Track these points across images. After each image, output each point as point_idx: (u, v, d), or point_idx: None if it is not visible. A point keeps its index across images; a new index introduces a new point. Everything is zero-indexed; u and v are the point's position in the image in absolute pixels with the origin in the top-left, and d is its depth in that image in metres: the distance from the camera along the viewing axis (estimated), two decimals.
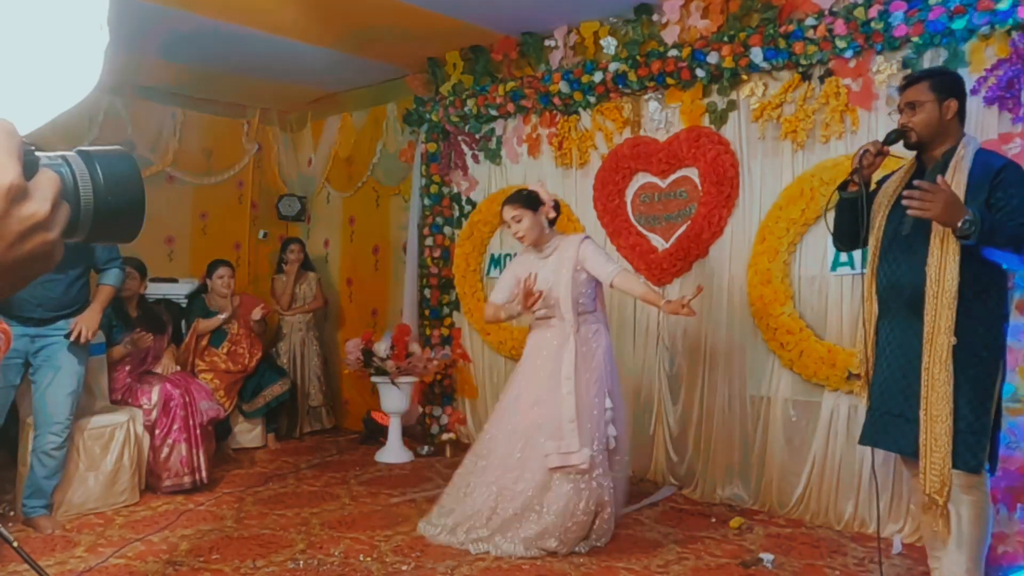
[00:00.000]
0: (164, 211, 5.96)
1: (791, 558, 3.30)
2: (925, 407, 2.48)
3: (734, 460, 4.09)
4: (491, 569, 3.17)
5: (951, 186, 2.45)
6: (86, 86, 0.85)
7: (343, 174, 6.31)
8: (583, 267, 3.40)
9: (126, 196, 0.67)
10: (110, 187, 0.66)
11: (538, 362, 3.43)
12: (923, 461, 2.49)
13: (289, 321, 5.88)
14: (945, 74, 2.74)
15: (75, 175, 0.65)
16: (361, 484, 4.49)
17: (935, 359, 2.45)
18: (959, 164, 2.54)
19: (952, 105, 2.59)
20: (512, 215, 3.45)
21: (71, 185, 0.64)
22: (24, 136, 0.61)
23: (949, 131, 2.61)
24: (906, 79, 2.74)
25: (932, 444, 2.46)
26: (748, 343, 4.04)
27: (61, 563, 3.19)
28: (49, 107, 0.83)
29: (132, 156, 0.69)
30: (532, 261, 3.52)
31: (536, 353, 3.47)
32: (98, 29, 0.85)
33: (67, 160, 0.65)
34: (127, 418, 4.08)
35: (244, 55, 5.19)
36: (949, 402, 2.43)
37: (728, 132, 4.12)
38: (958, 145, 2.59)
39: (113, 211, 0.66)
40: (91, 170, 0.66)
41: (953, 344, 2.42)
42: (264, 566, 3.18)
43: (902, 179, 2.71)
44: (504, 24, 4.77)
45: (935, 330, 2.46)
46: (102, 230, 0.67)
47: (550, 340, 3.42)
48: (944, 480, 2.45)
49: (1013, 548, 3.07)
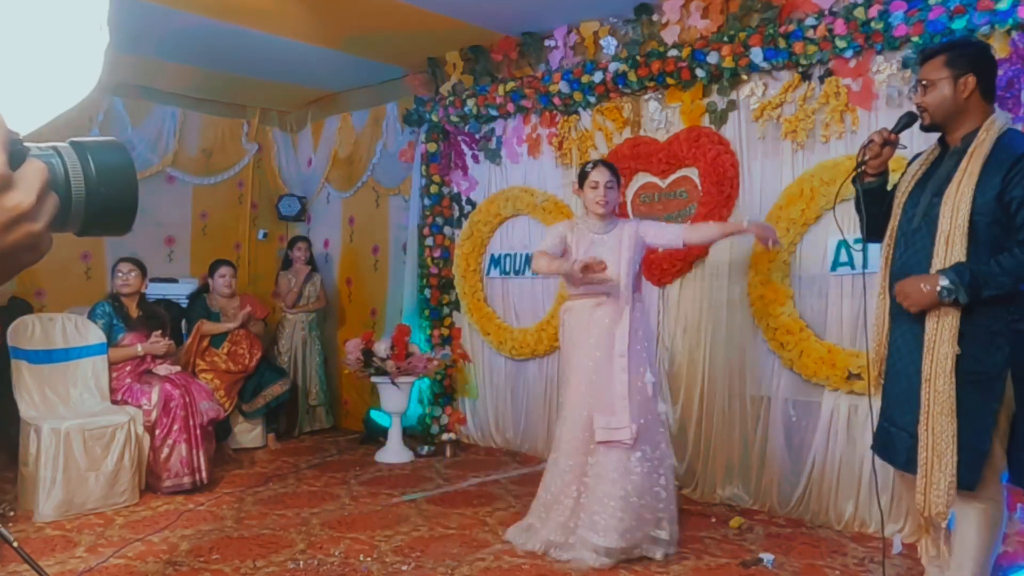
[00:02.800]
0: (164, 211, 5.97)
1: (791, 558, 3.29)
2: (926, 422, 2.30)
3: (734, 460, 4.09)
4: (491, 569, 3.17)
5: (961, 181, 2.29)
6: (86, 86, 0.85)
7: (343, 174, 6.31)
8: (643, 243, 3.39)
9: (119, 188, 0.66)
10: (103, 179, 0.65)
11: (591, 340, 3.34)
12: (922, 480, 2.30)
13: (292, 320, 5.86)
14: (964, 46, 2.47)
15: (66, 166, 0.64)
16: (361, 484, 4.49)
17: (937, 370, 2.28)
18: (976, 152, 2.31)
19: (970, 81, 2.34)
20: (607, 180, 3.38)
21: (61, 176, 0.63)
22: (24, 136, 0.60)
23: (969, 111, 2.37)
24: (921, 54, 2.53)
25: (935, 462, 2.27)
26: (748, 343, 4.04)
27: (61, 563, 3.19)
28: (49, 107, 0.83)
29: (125, 147, 0.68)
30: (587, 236, 3.43)
31: (587, 331, 3.36)
32: (98, 29, 0.85)
33: (58, 151, 0.64)
34: (128, 419, 4.08)
35: (244, 55, 5.19)
36: (953, 418, 2.25)
37: (728, 132, 4.12)
38: (981, 127, 2.35)
39: (106, 203, 0.65)
40: (83, 161, 0.64)
41: (957, 354, 2.26)
42: (264, 566, 3.18)
43: (922, 164, 2.54)
44: (504, 24, 4.77)
45: (937, 339, 2.29)
46: (95, 222, 0.66)
47: (601, 318, 3.33)
48: (949, 501, 2.26)
49: (1013, 548, 3.06)
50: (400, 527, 3.70)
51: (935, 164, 2.51)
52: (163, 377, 4.42)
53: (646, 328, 3.44)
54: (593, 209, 3.41)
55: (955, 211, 2.31)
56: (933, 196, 2.41)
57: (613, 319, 3.32)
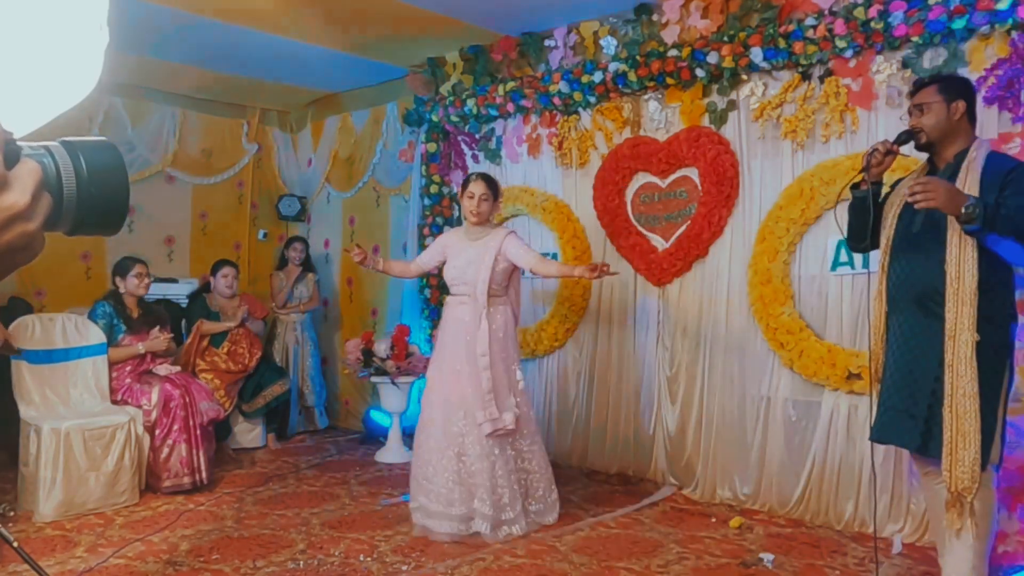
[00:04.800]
0: (164, 211, 5.97)
1: (791, 558, 3.30)
2: (950, 405, 2.48)
3: (734, 460, 4.09)
4: (491, 569, 3.17)
5: (964, 187, 2.48)
6: (86, 86, 0.85)
7: (343, 174, 6.31)
8: (505, 257, 3.69)
9: (110, 187, 0.66)
10: (94, 178, 0.65)
11: (455, 336, 3.71)
12: (948, 459, 2.49)
13: (283, 320, 5.85)
14: (952, 78, 2.77)
15: (58, 166, 0.64)
16: (361, 484, 4.49)
17: (959, 356, 2.46)
18: (971, 165, 2.56)
19: (960, 106, 2.62)
20: (483, 193, 3.73)
21: (53, 176, 0.63)
22: (24, 136, 0.60)
23: (959, 132, 2.64)
24: (915, 84, 2.78)
25: (960, 441, 2.46)
26: (748, 343, 4.04)
27: (61, 563, 3.19)
28: (49, 107, 0.83)
29: (116, 147, 0.68)
30: (462, 240, 3.82)
31: (452, 327, 3.75)
32: (98, 29, 0.85)
33: (50, 150, 0.64)
34: (128, 419, 4.08)
35: (244, 55, 5.19)
36: (976, 399, 2.44)
37: (728, 132, 4.12)
38: (970, 147, 2.61)
39: (97, 202, 0.65)
40: (74, 161, 0.64)
41: (977, 341, 2.43)
42: (264, 566, 3.18)
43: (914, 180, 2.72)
44: (504, 24, 4.77)
45: (957, 327, 2.47)
46: (86, 222, 0.66)
47: (462, 316, 3.71)
48: (974, 477, 2.45)
49: (1013, 548, 3.07)
50: (400, 527, 3.70)
51: None
52: (163, 377, 4.42)
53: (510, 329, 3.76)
54: (468, 218, 3.81)
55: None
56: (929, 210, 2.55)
57: (472, 319, 3.67)
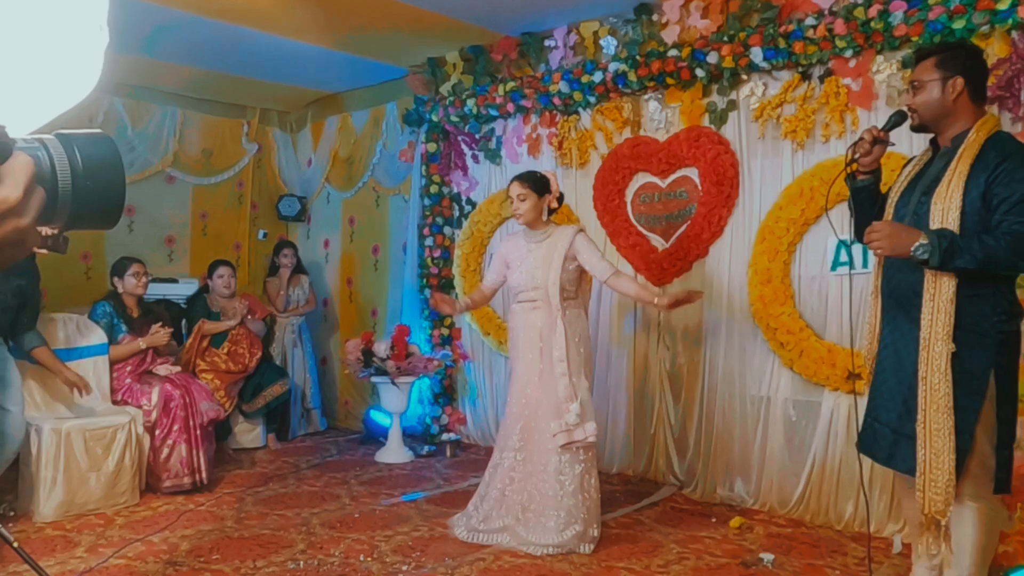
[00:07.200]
0: (164, 211, 5.97)
1: (791, 558, 3.30)
2: (923, 420, 2.30)
3: (734, 460, 4.09)
4: (491, 569, 3.17)
5: (953, 177, 2.31)
6: (86, 86, 0.85)
7: (343, 174, 6.31)
8: (576, 259, 3.47)
9: (106, 181, 0.64)
10: (89, 171, 0.63)
11: (527, 343, 3.51)
12: (922, 478, 2.31)
13: (281, 323, 5.88)
14: (956, 48, 2.48)
15: (52, 159, 0.62)
16: (361, 484, 4.49)
17: (933, 368, 2.28)
18: (966, 152, 2.33)
19: (957, 83, 2.36)
20: (518, 192, 3.51)
21: (48, 169, 0.61)
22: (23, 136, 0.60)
23: (958, 112, 2.39)
24: (916, 53, 2.56)
25: (932, 460, 2.28)
26: (748, 343, 4.04)
27: (61, 563, 3.19)
28: (49, 107, 0.83)
29: (112, 139, 0.66)
30: (523, 245, 3.59)
31: (523, 335, 3.54)
32: (98, 29, 0.85)
33: (44, 143, 0.63)
34: (128, 419, 4.08)
35: (244, 55, 5.19)
36: (950, 415, 2.26)
37: (728, 132, 4.12)
38: (972, 128, 2.37)
39: (93, 195, 0.64)
40: (69, 154, 0.63)
41: (952, 352, 2.26)
42: (264, 566, 3.18)
43: (915, 166, 2.56)
44: (504, 24, 4.77)
45: (931, 337, 2.29)
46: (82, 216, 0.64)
47: (535, 323, 3.49)
48: (948, 499, 2.27)
49: (1013, 548, 3.06)
50: (400, 527, 3.70)
51: (927, 165, 2.53)
52: (163, 377, 4.42)
53: (584, 333, 3.54)
54: (516, 219, 3.60)
55: (945, 211, 2.33)
56: (922, 195, 2.44)
57: (546, 324, 3.45)
